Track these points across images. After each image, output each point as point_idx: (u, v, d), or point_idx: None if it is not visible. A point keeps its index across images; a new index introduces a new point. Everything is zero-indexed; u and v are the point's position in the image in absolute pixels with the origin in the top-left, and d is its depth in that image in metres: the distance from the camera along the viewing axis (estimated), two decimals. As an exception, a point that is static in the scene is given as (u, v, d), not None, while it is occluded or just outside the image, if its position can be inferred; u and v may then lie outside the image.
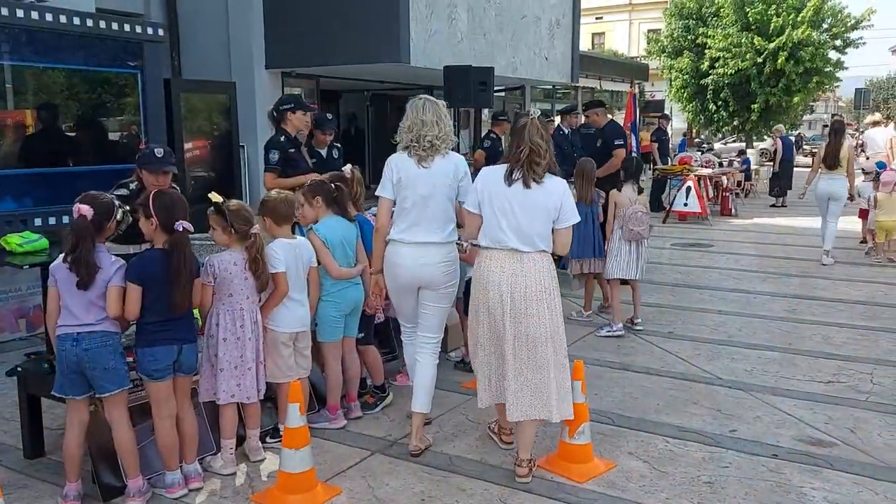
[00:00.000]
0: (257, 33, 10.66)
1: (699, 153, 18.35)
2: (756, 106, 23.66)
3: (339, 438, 4.21)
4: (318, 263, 4.14)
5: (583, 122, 8.93)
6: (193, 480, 3.62)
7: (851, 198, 9.50)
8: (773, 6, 22.66)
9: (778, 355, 5.65)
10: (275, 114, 5.61)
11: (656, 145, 14.59)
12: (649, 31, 35.82)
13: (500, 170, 3.68)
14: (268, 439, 4.10)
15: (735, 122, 25.43)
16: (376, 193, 4.02)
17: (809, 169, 10.23)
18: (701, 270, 8.94)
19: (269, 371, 3.95)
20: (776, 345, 5.91)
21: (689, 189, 12.69)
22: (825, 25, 23.54)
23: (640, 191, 6.46)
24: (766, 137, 24.28)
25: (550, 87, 18.88)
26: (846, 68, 24.90)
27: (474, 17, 11.77)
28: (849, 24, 23.57)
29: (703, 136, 30.89)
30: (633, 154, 9.45)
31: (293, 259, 3.97)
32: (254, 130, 10.12)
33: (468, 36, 11.62)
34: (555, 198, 3.63)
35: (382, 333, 5.20)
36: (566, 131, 9.55)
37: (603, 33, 43.67)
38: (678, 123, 30.25)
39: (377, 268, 4.07)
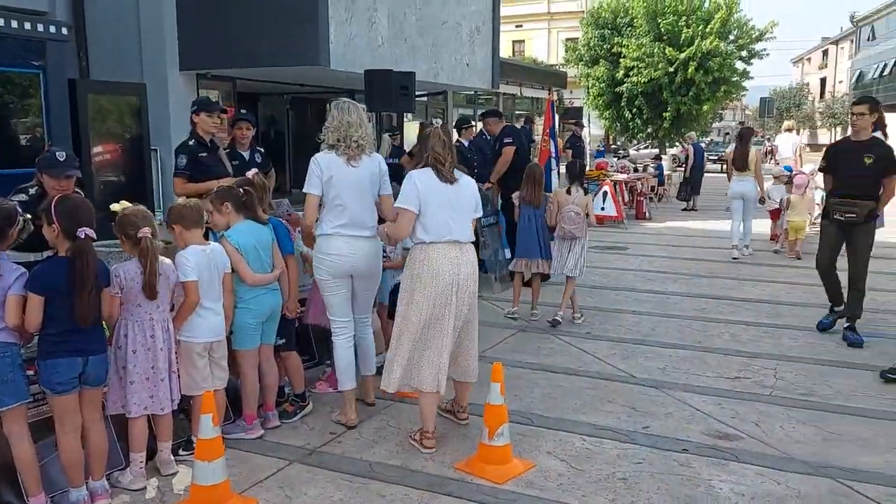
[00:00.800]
0: (170, 33, 10.32)
1: (615, 159, 18.90)
2: (668, 114, 24.57)
3: (256, 449, 4.11)
4: (233, 271, 4.05)
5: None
6: (100, 497, 3.47)
7: (762, 200, 10.13)
8: (684, 18, 23.60)
9: (689, 353, 5.86)
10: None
11: (570, 151, 14.91)
12: (567, 39, 36.72)
13: (428, 171, 4.04)
14: (180, 451, 3.97)
15: (649, 129, 26.32)
16: (304, 190, 4.23)
17: (716, 174, 10.83)
18: (617, 272, 9.19)
19: (184, 383, 3.82)
20: (687, 343, 6.13)
21: (605, 194, 13.03)
22: (732, 37, 24.71)
23: (587, 192, 6.84)
24: (676, 144, 25.24)
25: (472, 92, 19.08)
26: (752, 78, 26.21)
27: (395, 22, 11.76)
28: (754, 36, 24.81)
29: (619, 143, 31.85)
30: (553, 158, 9.67)
31: (206, 266, 3.85)
32: (167, 134, 9.82)
33: (389, 40, 11.60)
34: (474, 194, 4.17)
35: (303, 340, 5.12)
36: (488, 136, 9.64)
37: (523, 41, 44.37)
38: (596, 130, 31.08)
39: (308, 245, 4.51)
